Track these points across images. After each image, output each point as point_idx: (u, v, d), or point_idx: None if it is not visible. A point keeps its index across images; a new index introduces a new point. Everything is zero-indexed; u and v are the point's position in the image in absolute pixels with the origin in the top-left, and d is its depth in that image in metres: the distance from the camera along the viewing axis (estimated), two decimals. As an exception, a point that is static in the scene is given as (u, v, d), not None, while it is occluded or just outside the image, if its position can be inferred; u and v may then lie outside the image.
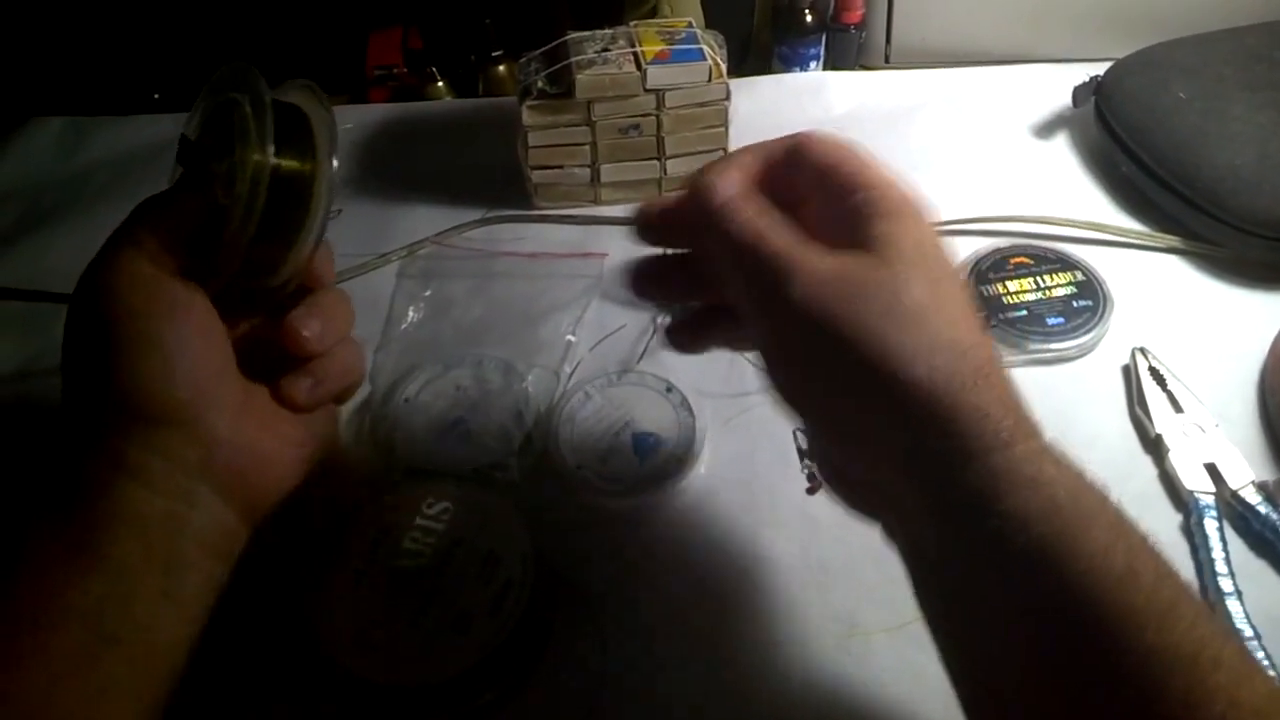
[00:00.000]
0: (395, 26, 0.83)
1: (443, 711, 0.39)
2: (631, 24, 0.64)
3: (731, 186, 0.32)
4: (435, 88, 0.80)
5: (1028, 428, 0.28)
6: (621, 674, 0.41)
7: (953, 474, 0.27)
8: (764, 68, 0.78)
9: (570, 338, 0.55)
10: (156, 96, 0.82)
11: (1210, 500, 0.45)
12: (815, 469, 0.47)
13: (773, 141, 0.33)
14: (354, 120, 0.74)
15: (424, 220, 0.64)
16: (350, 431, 0.51)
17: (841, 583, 0.43)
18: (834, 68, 0.77)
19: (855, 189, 0.30)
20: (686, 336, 0.38)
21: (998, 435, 0.27)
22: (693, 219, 0.32)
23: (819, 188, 0.32)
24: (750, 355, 0.53)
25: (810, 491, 0.47)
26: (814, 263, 0.29)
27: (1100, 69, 0.66)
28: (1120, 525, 0.27)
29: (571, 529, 0.46)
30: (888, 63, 0.77)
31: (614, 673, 0.41)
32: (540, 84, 0.61)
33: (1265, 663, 0.39)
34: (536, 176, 0.64)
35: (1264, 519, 0.43)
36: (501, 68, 0.80)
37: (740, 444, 0.49)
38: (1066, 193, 0.63)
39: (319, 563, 0.41)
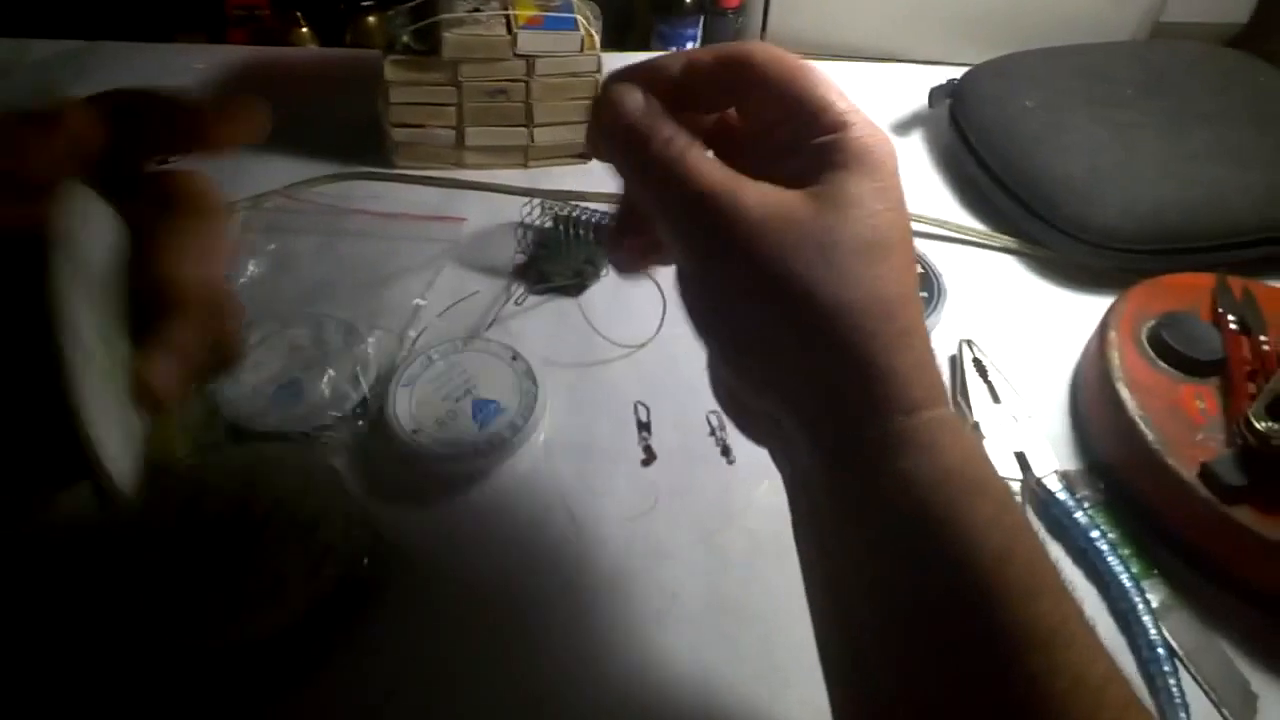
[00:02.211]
0: (262, -35, 0.79)
1: (256, 674, 0.38)
2: (506, -14, 0.63)
3: (638, 103, 0.29)
4: (299, 33, 0.77)
5: (935, 394, 0.28)
6: (444, 639, 0.41)
7: (855, 429, 0.27)
8: (643, 44, 0.78)
9: (419, 301, 0.54)
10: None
11: (1017, 487, 0.48)
12: (647, 436, 0.47)
13: (696, 51, 0.31)
14: (208, 60, 0.70)
15: (274, 171, 0.61)
16: (174, 387, 0.48)
17: (669, 554, 0.44)
18: (711, 50, 0.78)
19: (821, 127, 0.28)
20: (624, 253, 0.35)
21: (905, 399, 0.27)
22: (606, 137, 0.29)
23: (769, 111, 0.30)
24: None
25: (645, 464, 0.48)
26: (750, 203, 0.27)
27: (958, 73, 0.69)
28: (1006, 503, 0.27)
29: (403, 495, 0.45)
30: (762, 50, 0.78)
31: (437, 637, 0.41)
32: (406, 39, 0.59)
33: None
34: (397, 134, 0.62)
35: (1061, 505, 0.47)
36: (371, 19, 0.78)
37: (582, 414, 0.49)
38: (916, 189, 0.65)
39: (130, 522, 0.39)
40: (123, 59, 0.71)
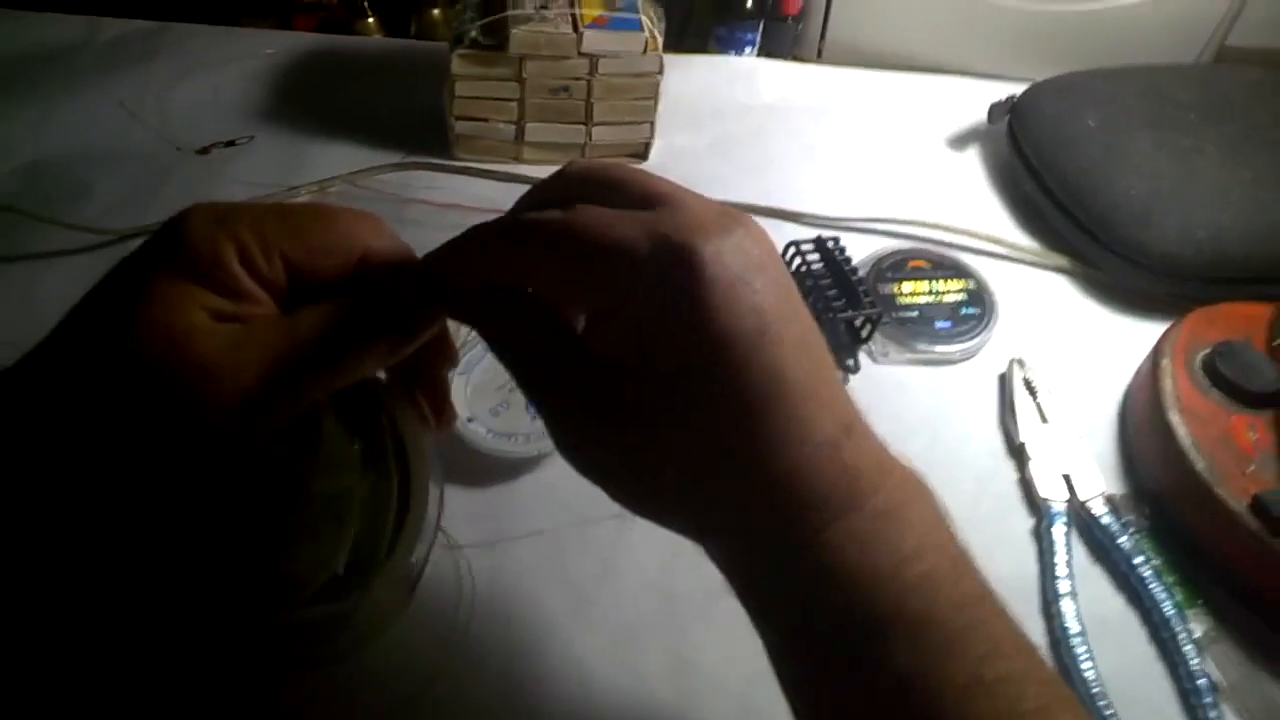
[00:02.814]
0: (332, -46, 0.81)
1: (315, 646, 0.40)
2: (573, -16, 0.63)
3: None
4: (365, 24, 0.78)
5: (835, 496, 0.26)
6: (492, 622, 0.42)
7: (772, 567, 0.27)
8: (701, 47, 0.78)
9: (475, 292, 0.54)
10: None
11: (1062, 508, 0.48)
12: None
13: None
14: (275, 46, 0.72)
15: (338, 158, 0.63)
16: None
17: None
18: (768, 55, 0.78)
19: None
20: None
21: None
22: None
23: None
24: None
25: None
26: None
27: (1018, 89, 0.69)
28: (936, 529, 0.28)
29: (455, 479, 0.46)
30: (820, 57, 0.78)
31: (486, 621, 0.42)
32: (474, 33, 0.60)
33: (1085, 657, 0.42)
34: (460, 127, 0.63)
35: (1105, 529, 0.47)
36: (436, 11, 0.79)
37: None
38: (970, 204, 0.65)
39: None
40: (192, 41, 0.73)
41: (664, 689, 0.41)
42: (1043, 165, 0.63)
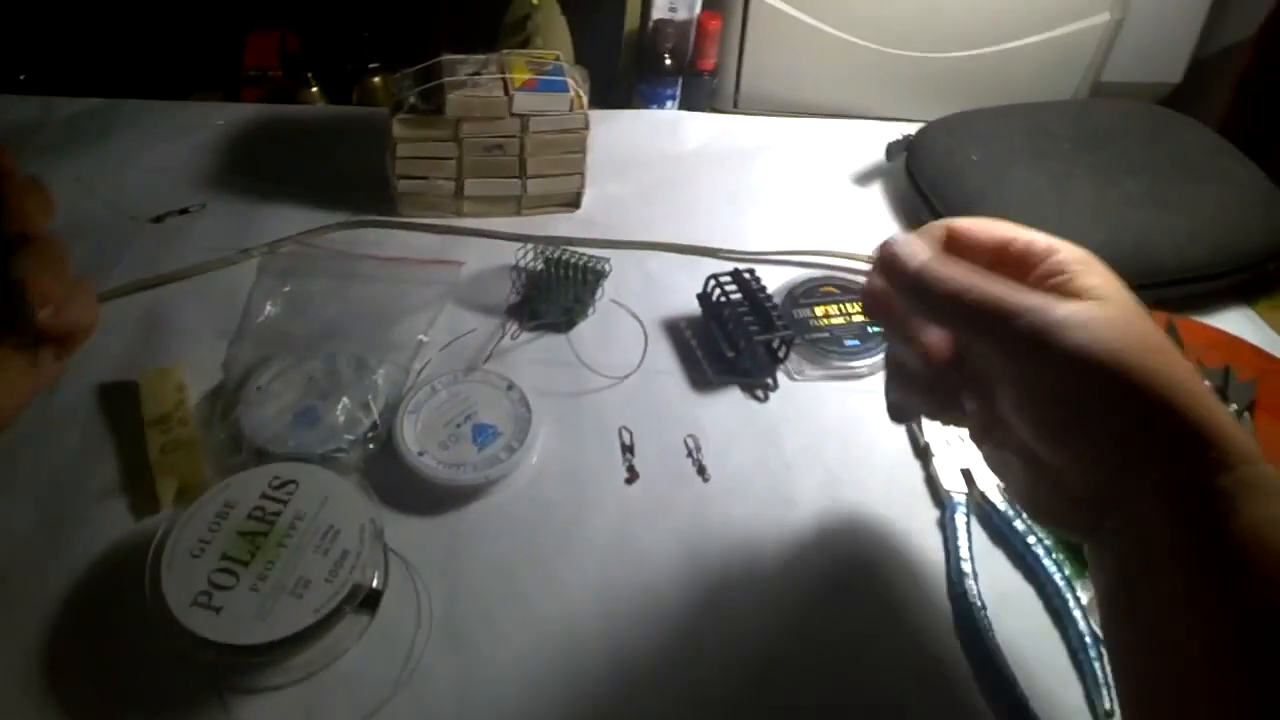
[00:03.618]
0: (274, 29, 0.86)
1: (275, 665, 0.43)
2: (504, 52, 0.69)
3: (923, 251, 0.36)
4: (309, 93, 0.83)
5: (1255, 446, 0.30)
6: (442, 639, 0.45)
7: (1203, 482, 0.29)
8: (626, 103, 0.85)
9: (422, 338, 0.59)
10: (22, 77, 0.82)
11: (962, 499, 0.53)
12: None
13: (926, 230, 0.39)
14: (225, 117, 0.76)
15: (288, 219, 0.67)
16: (201, 415, 0.53)
17: (650, 561, 0.49)
18: (689, 108, 0.85)
19: (1040, 254, 0.36)
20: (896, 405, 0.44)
21: (1241, 452, 0.30)
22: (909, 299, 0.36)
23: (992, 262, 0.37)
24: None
25: (629, 482, 0.53)
26: (1071, 311, 0.32)
27: (915, 129, 0.76)
28: None
29: (410, 509, 0.50)
30: (736, 107, 0.85)
31: (438, 638, 0.45)
32: (413, 99, 0.65)
33: (989, 627, 0.47)
34: (402, 186, 0.68)
35: (1003, 515, 0.52)
36: (376, 79, 0.84)
37: (571, 438, 0.55)
38: (875, 233, 0.70)
39: (165, 533, 0.44)
40: (144, 115, 0.77)
41: (607, 689, 0.44)
42: (935, 195, 0.70)
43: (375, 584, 0.45)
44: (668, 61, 0.82)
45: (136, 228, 0.66)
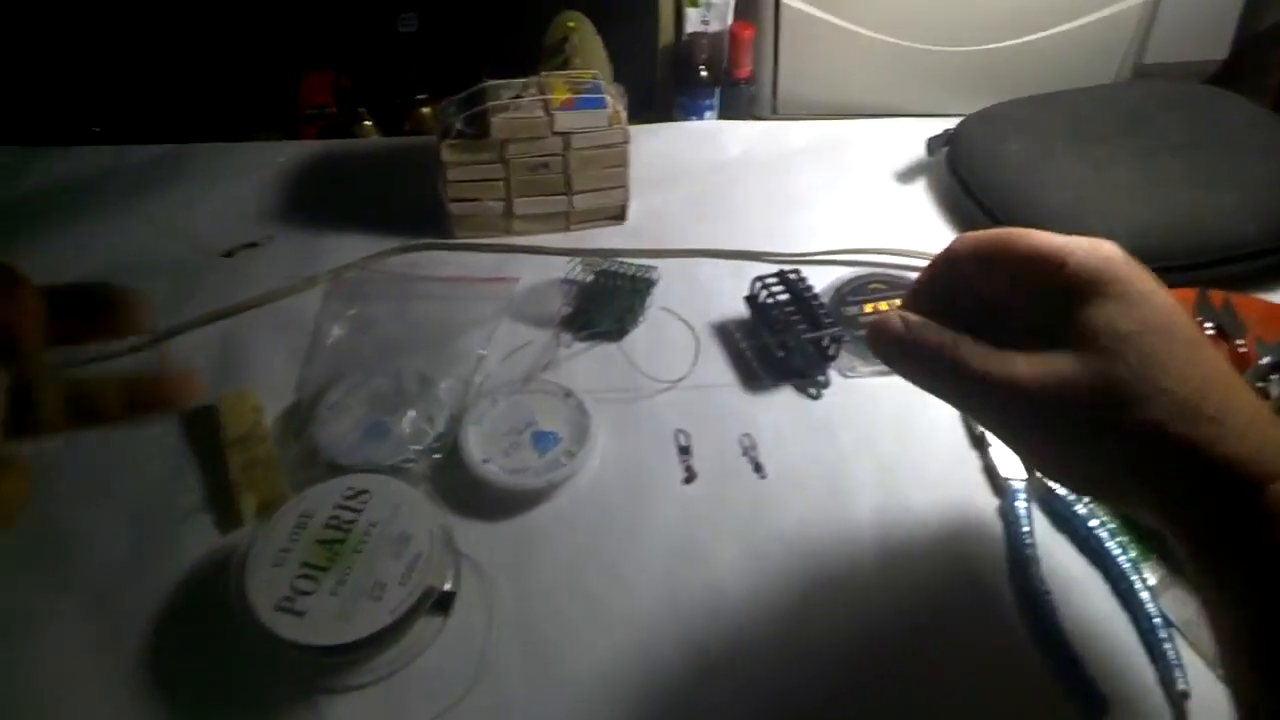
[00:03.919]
0: (327, 69, 0.90)
1: (357, 664, 0.45)
2: (543, 74, 0.71)
3: (899, 324, 0.36)
4: (363, 126, 0.87)
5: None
6: (513, 638, 0.47)
7: (1214, 523, 0.30)
8: (665, 116, 0.86)
9: (481, 352, 0.61)
10: (96, 129, 0.87)
11: (1022, 486, 0.53)
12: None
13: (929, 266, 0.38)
14: (285, 155, 0.80)
15: (350, 247, 0.70)
16: (277, 433, 0.56)
17: (713, 557, 0.50)
18: (728, 117, 0.86)
19: (1045, 268, 0.33)
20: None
21: (1252, 474, 0.29)
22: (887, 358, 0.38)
23: (1002, 278, 0.35)
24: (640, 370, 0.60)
25: (687, 482, 0.54)
26: (1022, 373, 0.32)
27: (953, 123, 0.76)
28: None
29: (476, 514, 0.52)
30: (774, 113, 0.86)
31: (507, 638, 0.47)
32: (459, 125, 0.68)
33: (1052, 612, 0.46)
34: (455, 209, 0.70)
35: (1062, 499, 0.52)
36: (425, 109, 0.87)
37: (628, 442, 0.56)
38: (920, 229, 0.72)
39: (248, 545, 0.46)
40: (209, 157, 0.81)
41: (677, 681, 0.45)
42: (977, 187, 0.70)
43: (448, 586, 0.47)
44: (704, 73, 0.84)
45: (209, 262, 0.70)
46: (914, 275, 0.66)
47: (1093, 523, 0.50)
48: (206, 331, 0.64)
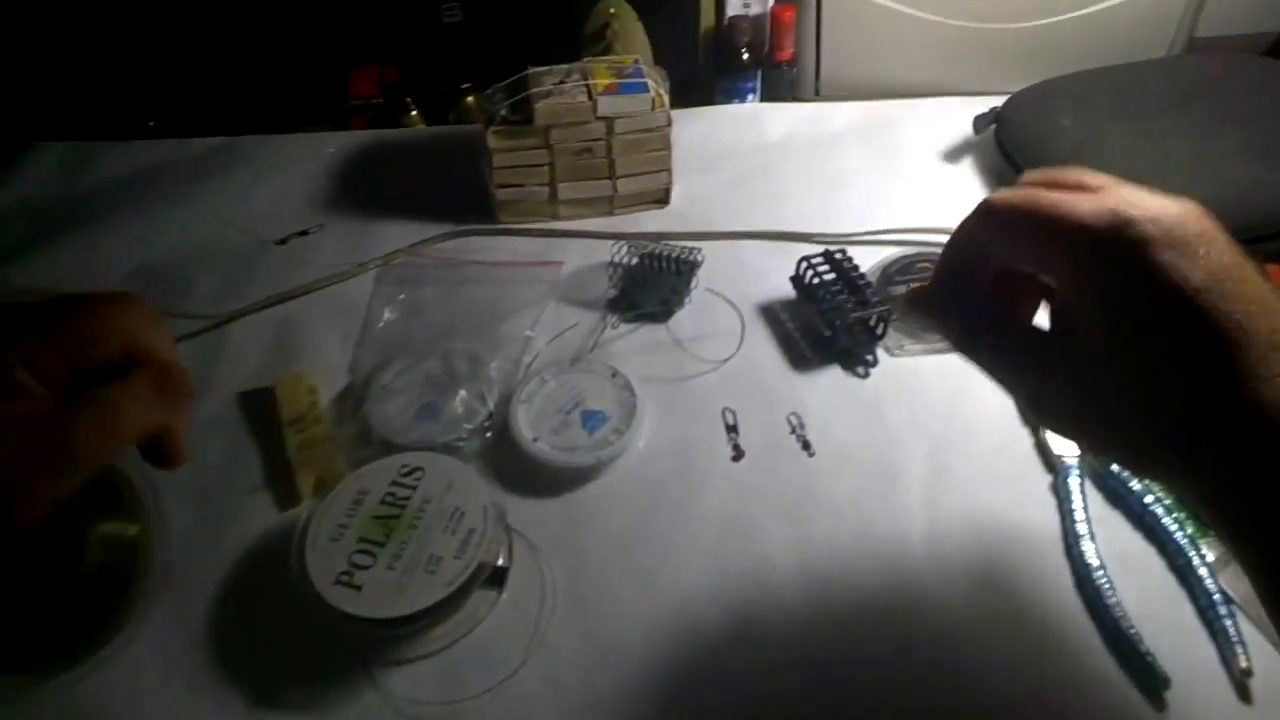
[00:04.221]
0: (373, 62, 0.91)
1: (413, 637, 0.46)
2: (585, 60, 0.72)
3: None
4: (410, 116, 0.88)
5: None
6: (564, 613, 0.48)
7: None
8: (707, 100, 0.86)
9: (529, 333, 0.62)
10: (151, 124, 0.89)
11: (1075, 463, 0.52)
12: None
13: (953, 237, 0.35)
14: (335, 145, 0.81)
15: (399, 233, 0.71)
16: (332, 414, 0.57)
17: (762, 533, 0.50)
18: (770, 100, 0.86)
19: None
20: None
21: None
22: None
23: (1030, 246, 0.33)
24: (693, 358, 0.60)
25: (735, 460, 0.54)
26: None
27: (1000, 101, 0.75)
28: None
29: (528, 491, 0.53)
30: (817, 95, 0.86)
31: (557, 613, 0.48)
32: (504, 112, 0.69)
33: (1109, 589, 0.46)
34: (500, 194, 0.71)
35: (1116, 476, 0.51)
36: (470, 98, 0.88)
37: (676, 421, 0.56)
38: (967, 208, 0.71)
39: (307, 521, 0.48)
40: (262, 149, 0.83)
41: (727, 655, 0.46)
42: (1027, 164, 0.69)
43: (501, 561, 0.48)
44: (745, 56, 0.84)
45: (263, 250, 0.71)
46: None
47: (1148, 499, 0.50)
48: (262, 316, 0.65)
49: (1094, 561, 0.47)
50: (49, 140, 0.84)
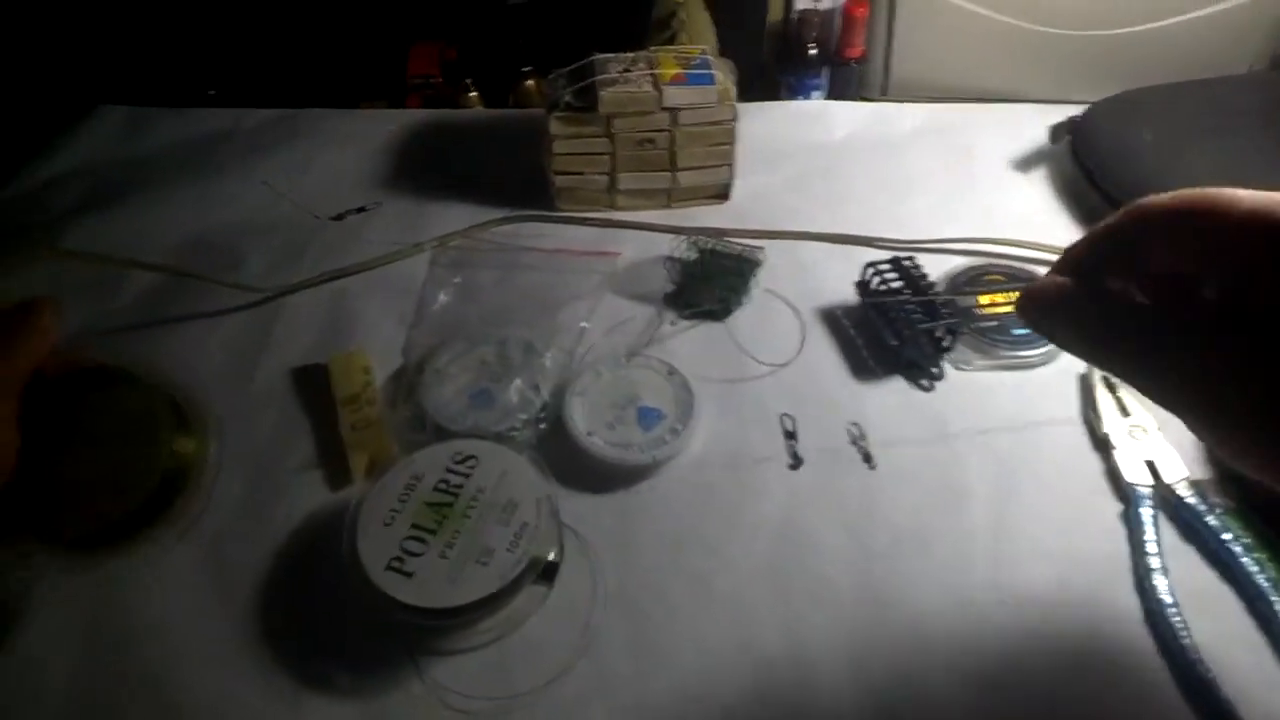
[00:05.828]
0: (434, 40, 0.90)
1: (462, 628, 0.45)
2: (651, 49, 0.70)
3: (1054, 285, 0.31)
4: (468, 98, 0.87)
5: None
6: (614, 613, 0.47)
7: None
8: (772, 94, 0.85)
9: (584, 324, 0.61)
10: (211, 92, 0.89)
11: (1148, 492, 0.50)
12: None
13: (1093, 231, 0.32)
14: (394, 123, 0.81)
15: (455, 216, 0.70)
16: (386, 395, 0.57)
17: (818, 546, 0.49)
18: (836, 97, 0.84)
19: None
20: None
21: None
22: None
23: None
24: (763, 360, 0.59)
25: (793, 468, 0.53)
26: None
27: (1077, 110, 0.72)
28: None
29: (580, 487, 0.52)
30: (885, 94, 0.84)
31: (608, 611, 0.47)
32: (567, 98, 0.67)
33: (1181, 627, 0.44)
34: (559, 181, 0.70)
35: (1191, 509, 0.49)
36: (530, 82, 0.87)
37: (733, 423, 0.55)
38: (1040, 219, 0.69)
39: (359, 504, 0.47)
40: (320, 124, 0.82)
41: (778, 664, 0.45)
42: (1106, 180, 0.66)
43: (552, 557, 0.47)
44: (813, 52, 0.82)
45: (320, 225, 0.71)
46: (1034, 267, 0.63)
47: (1225, 535, 0.47)
48: (318, 292, 0.65)
49: (1167, 598, 0.46)
50: (112, 104, 0.84)
